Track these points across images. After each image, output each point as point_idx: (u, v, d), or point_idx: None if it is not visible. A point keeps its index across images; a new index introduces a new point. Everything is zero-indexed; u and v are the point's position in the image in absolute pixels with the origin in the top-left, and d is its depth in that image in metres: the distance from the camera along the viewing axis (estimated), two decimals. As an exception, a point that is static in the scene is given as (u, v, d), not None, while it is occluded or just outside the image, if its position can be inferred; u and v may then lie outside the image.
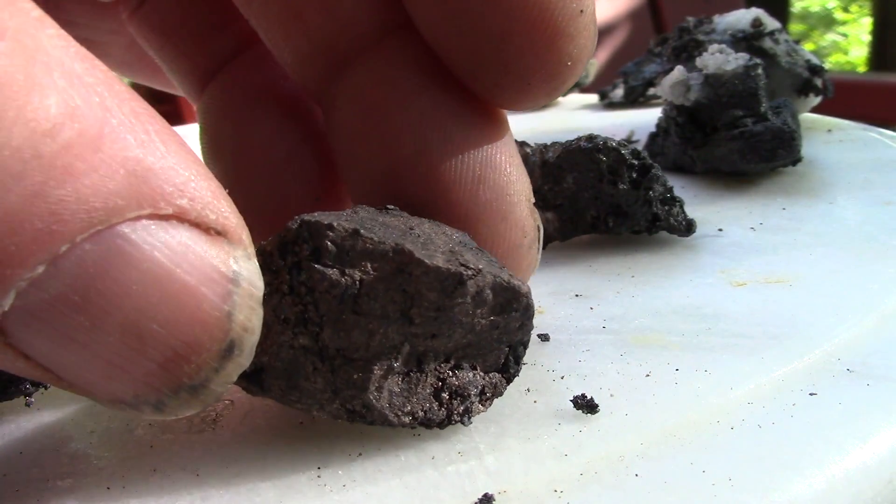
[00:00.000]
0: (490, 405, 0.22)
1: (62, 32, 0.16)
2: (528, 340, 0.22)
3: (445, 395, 0.21)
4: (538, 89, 0.23)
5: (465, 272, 0.20)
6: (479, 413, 0.22)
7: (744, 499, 0.18)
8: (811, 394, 0.22)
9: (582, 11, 0.22)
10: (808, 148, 0.45)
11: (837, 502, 0.19)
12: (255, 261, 0.18)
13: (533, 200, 0.25)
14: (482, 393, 0.22)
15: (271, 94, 0.30)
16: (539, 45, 0.22)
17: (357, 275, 0.19)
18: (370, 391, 0.20)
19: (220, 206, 0.17)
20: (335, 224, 0.19)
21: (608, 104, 0.67)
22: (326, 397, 0.20)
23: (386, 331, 0.20)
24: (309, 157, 0.30)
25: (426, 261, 0.19)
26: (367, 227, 0.20)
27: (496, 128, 0.24)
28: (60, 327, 0.16)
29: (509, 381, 0.22)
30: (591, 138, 0.34)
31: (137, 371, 0.17)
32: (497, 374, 0.22)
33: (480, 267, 0.20)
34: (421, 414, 0.21)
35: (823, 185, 0.41)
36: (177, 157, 0.16)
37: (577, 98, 0.74)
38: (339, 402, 0.21)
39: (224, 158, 0.31)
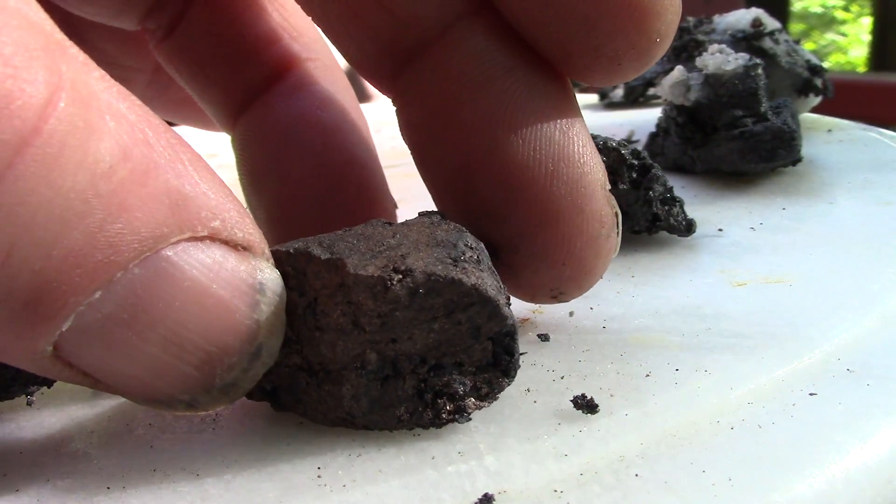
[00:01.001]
0: (493, 400, 0.22)
1: (104, 73, 0.18)
2: (512, 330, 0.22)
3: (429, 396, 0.21)
4: (629, 67, 0.23)
5: (389, 276, 0.20)
6: (477, 409, 0.22)
7: (744, 499, 0.18)
8: (811, 394, 0.22)
9: None
10: (808, 148, 0.45)
11: (837, 502, 0.19)
12: (277, 271, 0.20)
13: (609, 187, 0.25)
14: (476, 389, 0.22)
15: (309, 123, 0.31)
16: (629, 27, 0.22)
17: (312, 293, 0.21)
18: (345, 399, 0.21)
19: (245, 224, 0.19)
20: (291, 250, 0.21)
21: (608, 104, 0.67)
22: (323, 407, 0.22)
23: (345, 342, 0.21)
24: (351, 187, 0.31)
25: (352, 270, 0.20)
26: (331, 244, 0.21)
27: (567, 114, 0.24)
28: (109, 342, 0.18)
29: (507, 374, 0.22)
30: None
31: (175, 375, 0.19)
32: (492, 368, 0.22)
33: (412, 268, 0.20)
34: (406, 416, 0.21)
35: (823, 185, 0.41)
36: (208, 183, 0.18)
37: (577, 98, 0.74)
38: (333, 412, 0.22)
39: (266, 191, 0.31)
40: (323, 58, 0.32)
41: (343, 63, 0.29)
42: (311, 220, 0.30)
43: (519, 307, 0.29)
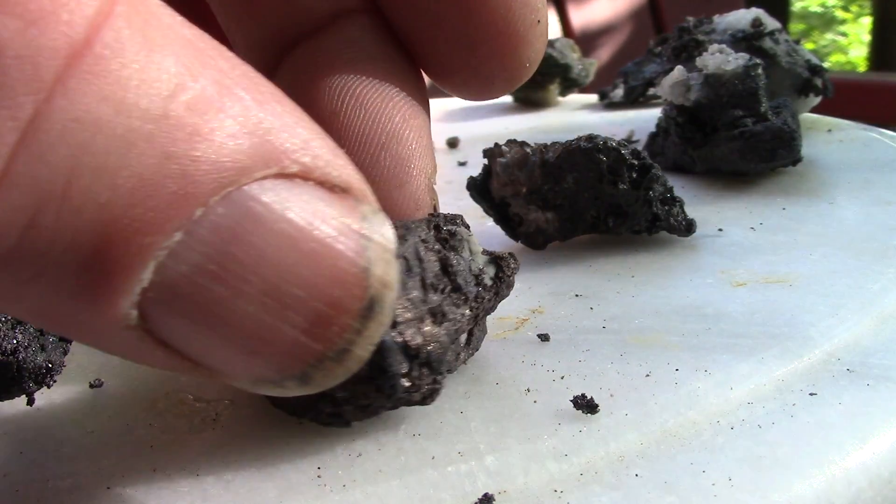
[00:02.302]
0: (373, 415, 0.21)
1: (164, 3, 0.16)
2: (383, 346, 0.20)
3: (316, 395, 0.21)
4: (500, 87, 0.26)
5: None
6: (358, 420, 0.22)
7: (744, 499, 0.18)
8: (811, 394, 0.22)
9: (539, 21, 0.25)
10: (808, 148, 0.45)
11: (837, 502, 0.19)
12: (384, 214, 0.17)
13: (435, 182, 0.26)
14: (354, 399, 0.21)
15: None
16: (503, 52, 0.25)
17: None
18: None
19: (341, 163, 0.17)
20: None
21: (608, 104, 0.67)
22: (303, 404, 0.21)
23: None
24: None
25: None
26: None
27: (414, 110, 0.26)
28: (199, 301, 0.15)
29: (381, 390, 0.21)
30: (591, 138, 0.34)
31: (280, 342, 0.16)
32: (369, 383, 0.21)
33: None
34: (300, 410, 0.22)
35: (823, 185, 0.41)
36: (294, 116, 0.16)
37: (577, 98, 0.74)
38: (313, 409, 0.21)
39: None
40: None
41: None
42: None
43: (518, 307, 0.29)
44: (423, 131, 0.26)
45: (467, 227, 0.25)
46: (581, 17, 1.60)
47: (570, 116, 0.66)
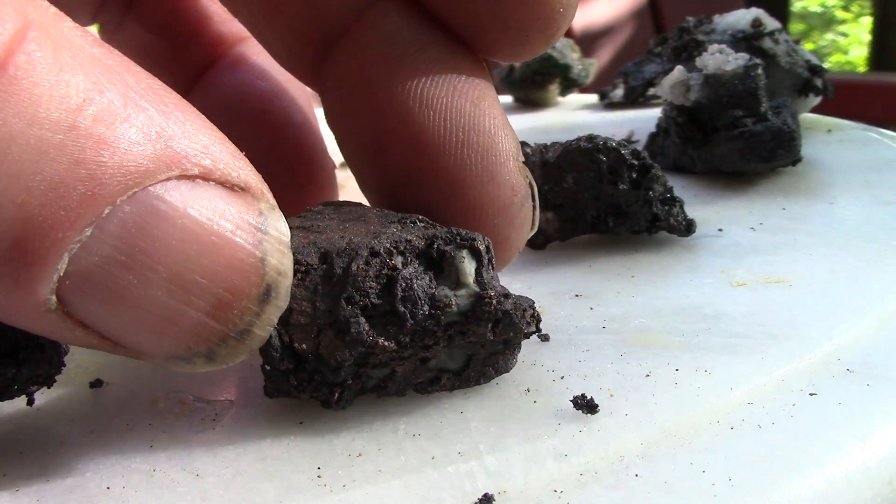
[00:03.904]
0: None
1: (78, 25, 0.17)
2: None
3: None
4: (536, 39, 0.25)
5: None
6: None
7: (744, 499, 0.18)
8: (811, 394, 0.22)
9: None
10: (808, 148, 0.45)
11: (837, 502, 0.19)
12: (279, 211, 0.19)
13: (522, 159, 0.25)
14: None
15: (248, 92, 0.32)
16: None
17: None
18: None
19: (241, 165, 0.19)
20: None
21: (608, 104, 0.67)
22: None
23: None
24: (289, 146, 0.32)
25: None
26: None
27: (479, 88, 0.25)
28: (111, 288, 0.17)
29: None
30: (591, 138, 0.34)
31: (186, 323, 0.18)
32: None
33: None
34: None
35: (823, 185, 0.41)
36: (195, 124, 0.18)
37: (577, 98, 0.74)
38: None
39: None
40: None
41: None
42: None
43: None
44: (495, 108, 0.25)
45: (477, 251, 0.22)
46: (581, 17, 1.60)
47: (570, 116, 0.66)
